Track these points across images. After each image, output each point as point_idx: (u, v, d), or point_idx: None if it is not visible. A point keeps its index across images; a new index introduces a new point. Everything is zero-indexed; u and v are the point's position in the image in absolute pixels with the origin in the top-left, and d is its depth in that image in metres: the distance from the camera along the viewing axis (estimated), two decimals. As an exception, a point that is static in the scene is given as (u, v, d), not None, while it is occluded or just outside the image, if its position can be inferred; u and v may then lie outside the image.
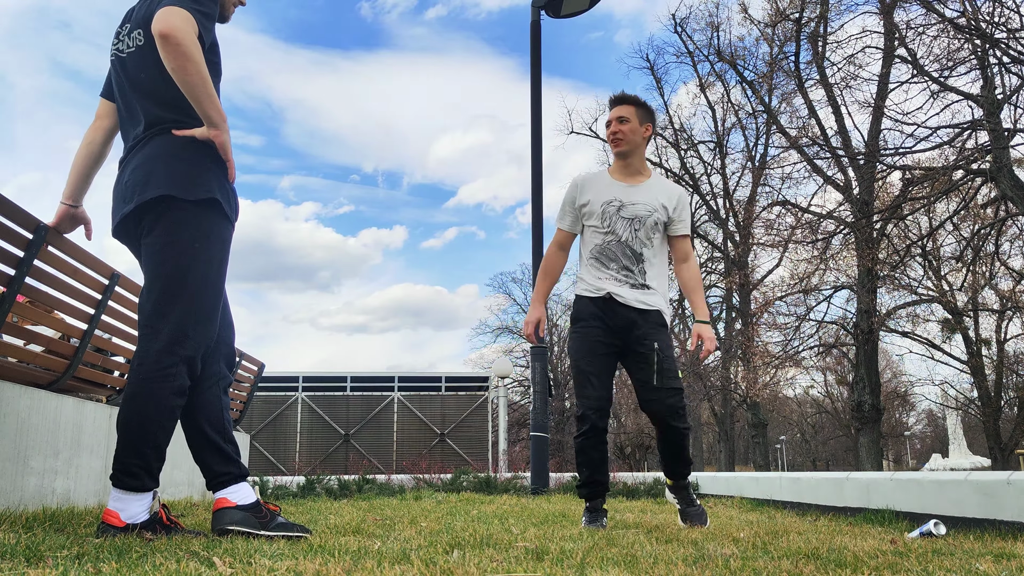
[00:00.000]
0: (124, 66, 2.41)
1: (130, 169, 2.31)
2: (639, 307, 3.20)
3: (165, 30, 2.12)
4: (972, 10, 13.75)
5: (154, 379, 2.20)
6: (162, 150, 2.28)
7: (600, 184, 3.34)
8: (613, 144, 3.34)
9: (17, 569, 1.51)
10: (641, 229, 3.25)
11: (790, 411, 40.54)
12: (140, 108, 2.36)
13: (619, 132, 3.32)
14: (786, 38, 19.58)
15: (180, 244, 2.24)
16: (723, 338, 25.64)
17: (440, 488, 6.78)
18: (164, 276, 2.24)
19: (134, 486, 2.19)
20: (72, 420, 3.52)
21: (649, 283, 3.25)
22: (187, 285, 2.24)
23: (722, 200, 25.34)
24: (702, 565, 1.83)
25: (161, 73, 2.25)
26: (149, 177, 2.24)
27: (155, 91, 2.33)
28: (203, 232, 2.27)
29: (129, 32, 2.43)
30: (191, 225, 2.25)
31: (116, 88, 2.47)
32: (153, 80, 2.32)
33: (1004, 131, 13.92)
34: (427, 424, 15.61)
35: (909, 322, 20.52)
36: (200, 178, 2.27)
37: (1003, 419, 21.93)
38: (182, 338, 2.23)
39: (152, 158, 2.27)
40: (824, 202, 20.25)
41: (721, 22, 26.14)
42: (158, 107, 2.33)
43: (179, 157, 2.27)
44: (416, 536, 2.47)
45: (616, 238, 3.25)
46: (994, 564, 1.98)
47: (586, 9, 7.36)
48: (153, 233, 2.25)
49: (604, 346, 3.20)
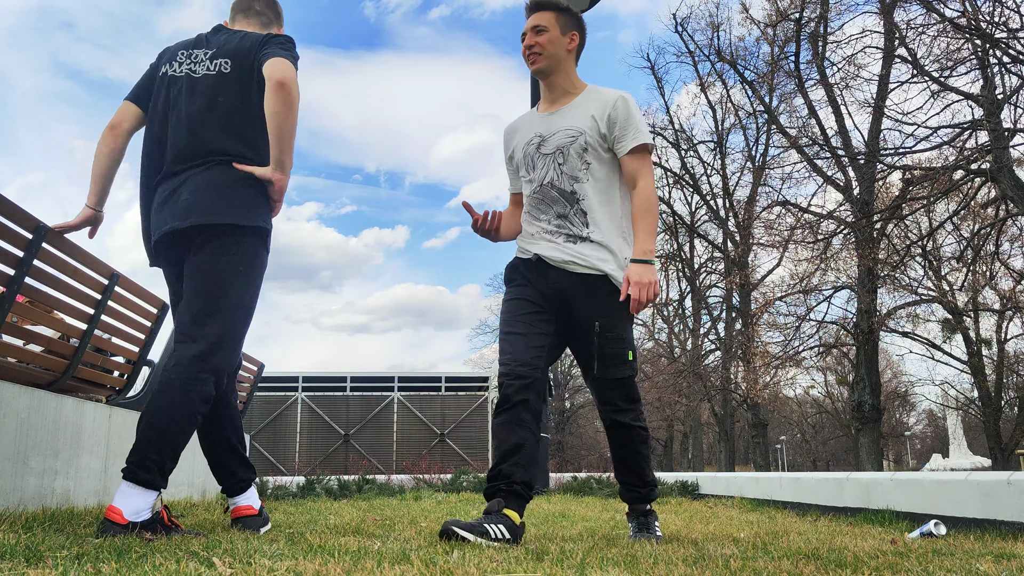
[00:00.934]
0: (195, 87, 2.54)
1: (189, 189, 2.43)
2: (575, 271, 2.56)
3: (285, 80, 2.39)
4: (972, 10, 13.75)
5: (186, 382, 2.31)
6: (225, 178, 2.44)
7: (524, 125, 2.79)
8: (529, 61, 2.69)
9: (17, 569, 1.51)
10: (567, 161, 2.62)
11: (790, 411, 40.53)
12: (205, 131, 2.48)
13: (535, 45, 2.65)
14: (786, 38, 19.58)
15: (228, 265, 2.40)
16: (723, 338, 25.65)
17: (440, 488, 6.78)
18: (207, 292, 2.38)
19: (145, 480, 2.23)
20: (72, 420, 3.52)
21: (592, 230, 2.58)
22: (227, 303, 2.40)
23: (722, 200, 25.35)
24: (702, 565, 1.82)
25: (242, 105, 2.50)
26: (214, 203, 2.40)
27: (230, 121, 2.50)
28: (249, 257, 2.44)
29: (211, 57, 2.57)
30: (241, 249, 2.42)
31: (165, 102, 2.58)
32: (230, 109, 2.50)
33: (1004, 131, 13.92)
34: (427, 424, 15.61)
35: (909, 322, 20.54)
36: (256, 208, 2.46)
37: (1003, 419, 21.93)
38: (215, 351, 2.37)
39: (216, 185, 2.43)
40: (824, 202, 20.28)
41: (721, 22, 26.21)
42: (227, 136, 2.49)
43: (240, 188, 2.44)
44: (416, 536, 2.47)
45: (540, 182, 2.66)
46: (994, 564, 1.97)
47: (586, 9, 7.36)
48: (203, 251, 2.40)
49: (531, 304, 2.59)
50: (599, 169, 2.61)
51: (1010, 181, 13.64)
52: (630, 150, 2.60)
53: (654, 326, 32.44)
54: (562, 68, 2.70)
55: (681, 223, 27.12)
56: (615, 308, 2.54)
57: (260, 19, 2.78)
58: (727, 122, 25.25)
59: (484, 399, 16.00)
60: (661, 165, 26.37)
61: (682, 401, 25.60)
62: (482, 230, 2.75)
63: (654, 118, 26.58)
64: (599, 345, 2.54)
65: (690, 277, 28.35)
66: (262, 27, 2.77)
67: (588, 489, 6.59)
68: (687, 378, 25.02)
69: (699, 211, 27.36)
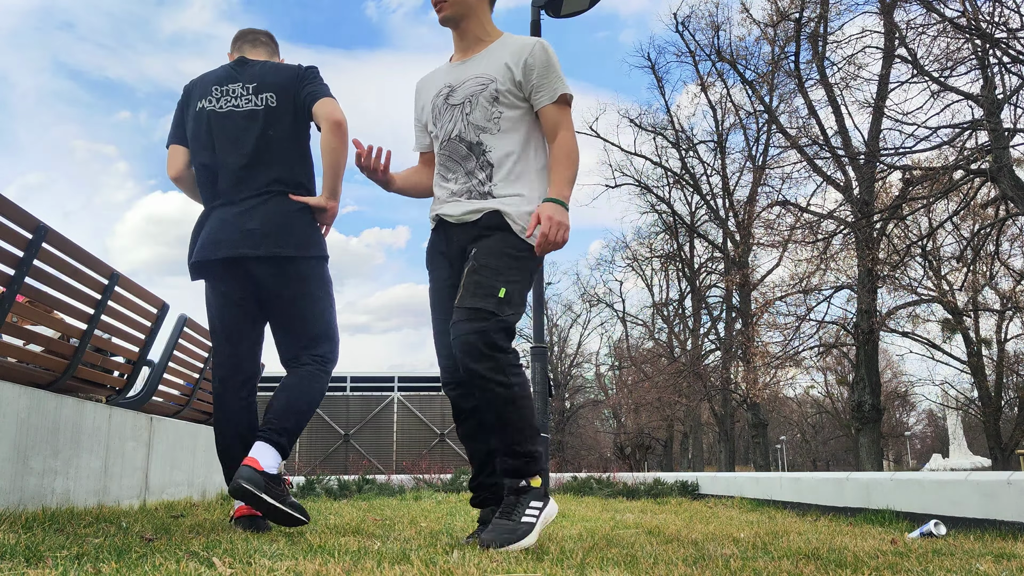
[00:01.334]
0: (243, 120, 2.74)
1: (257, 220, 2.66)
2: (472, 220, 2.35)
3: (341, 121, 2.70)
4: (972, 10, 13.74)
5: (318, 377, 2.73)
6: (286, 209, 2.70)
7: (435, 77, 2.61)
8: (436, 10, 2.52)
9: (17, 569, 1.51)
10: (474, 110, 2.39)
11: (790, 411, 40.53)
12: (259, 162, 2.72)
13: None
14: (786, 38, 19.58)
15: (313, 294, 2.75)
16: (723, 338, 25.64)
17: (440, 488, 6.77)
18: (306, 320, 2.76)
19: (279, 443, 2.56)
20: (72, 420, 3.52)
21: (496, 183, 2.35)
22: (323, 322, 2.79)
23: (722, 200, 25.34)
24: (702, 565, 1.82)
25: (290, 137, 2.75)
26: (285, 236, 2.67)
27: (280, 152, 2.74)
28: (325, 282, 2.81)
29: (254, 91, 2.78)
30: (315, 276, 2.76)
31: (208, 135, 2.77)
32: (281, 141, 2.74)
33: (1004, 131, 13.92)
34: (427, 424, 15.61)
35: (909, 322, 20.53)
36: (318, 238, 2.77)
37: (1003, 419, 21.92)
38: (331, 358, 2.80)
39: (279, 214, 2.69)
40: (824, 202, 20.30)
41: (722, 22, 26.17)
42: (280, 167, 2.74)
43: (302, 219, 2.72)
44: (416, 536, 2.47)
45: (447, 136, 2.45)
46: (994, 564, 1.97)
47: (586, 9, 7.35)
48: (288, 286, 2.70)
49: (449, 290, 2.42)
50: (510, 120, 2.39)
51: (1010, 181, 13.64)
52: (550, 102, 2.40)
53: (654, 326, 32.47)
54: (473, 15, 2.51)
55: (681, 223, 27.12)
56: (498, 241, 2.28)
57: (266, 49, 3.02)
58: (727, 122, 25.25)
59: (484, 399, 16.00)
60: (661, 165, 26.38)
61: (682, 401, 25.59)
62: (367, 169, 2.56)
63: (654, 117, 26.62)
64: (466, 272, 2.26)
65: (690, 277, 28.34)
66: (269, 55, 3.02)
67: (588, 489, 6.59)
68: (687, 378, 25.01)
69: (699, 211, 27.36)
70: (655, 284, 31.98)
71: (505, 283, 2.23)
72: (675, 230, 27.49)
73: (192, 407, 5.16)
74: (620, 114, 33.75)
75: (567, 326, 35.56)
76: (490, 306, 2.19)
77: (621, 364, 33.62)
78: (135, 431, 4.28)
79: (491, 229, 2.30)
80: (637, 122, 26.06)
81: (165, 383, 4.63)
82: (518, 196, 2.34)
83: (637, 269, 31.21)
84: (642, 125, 26.08)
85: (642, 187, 27.02)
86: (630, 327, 33.93)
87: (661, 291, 31.99)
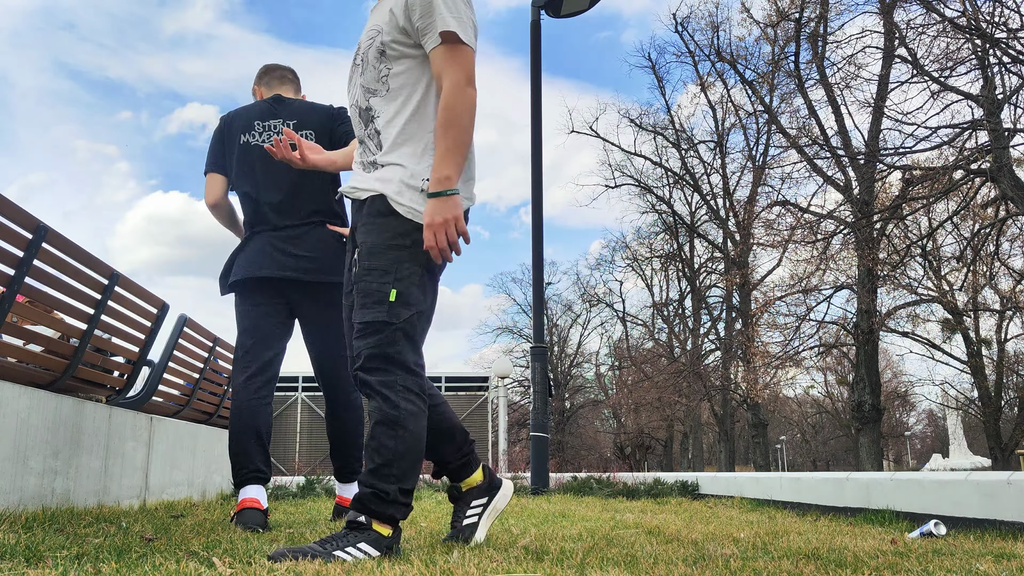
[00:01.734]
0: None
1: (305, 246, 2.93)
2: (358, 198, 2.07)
3: None
4: (972, 10, 13.75)
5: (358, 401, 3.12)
6: (328, 238, 2.97)
7: None
8: None
9: (17, 569, 1.51)
10: (365, 71, 2.07)
11: (790, 411, 40.54)
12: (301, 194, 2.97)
13: None
14: (786, 38, 19.58)
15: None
16: (723, 338, 25.64)
17: (440, 488, 6.77)
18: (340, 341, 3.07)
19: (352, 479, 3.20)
20: (72, 420, 3.52)
21: (382, 153, 2.03)
22: None
23: (722, 200, 25.36)
24: (702, 565, 1.82)
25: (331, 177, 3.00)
26: (326, 262, 2.94)
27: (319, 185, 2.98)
28: None
29: (296, 128, 3.02)
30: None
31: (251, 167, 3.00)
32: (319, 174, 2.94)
33: (1004, 131, 13.92)
34: (427, 424, 15.59)
35: (909, 322, 20.53)
36: None
37: (1003, 419, 21.92)
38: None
39: (324, 244, 2.96)
40: (824, 202, 20.26)
41: (721, 22, 26.23)
42: (319, 199, 3.00)
43: (340, 249, 2.97)
44: (416, 536, 2.47)
45: (351, 106, 2.18)
46: (994, 564, 1.97)
47: (586, 9, 7.36)
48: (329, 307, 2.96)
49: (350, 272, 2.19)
50: (399, 77, 2.02)
51: (1010, 181, 13.64)
52: (435, 45, 1.97)
53: (654, 326, 32.47)
54: None
55: (681, 223, 27.13)
56: (381, 232, 1.95)
57: (293, 86, 3.25)
58: (727, 122, 25.28)
59: (484, 399, 16.00)
60: (661, 165, 26.41)
61: (682, 401, 25.60)
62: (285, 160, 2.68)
63: (655, 117, 26.62)
64: (354, 277, 2.00)
65: (690, 277, 28.36)
66: (295, 92, 3.25)
67: (588, 489, 6.59)
68: (687, 378, 25.02)
69: (699, 211, 27.38)
70: (655, 284, 32.02)
71: (395, 282, 1.92)
72: (675, 230, 27.51)
73: (192, 407, 5.16)
74: (620, 114, 33.79)
75: (567, 326, 35.60)
76: (382, 315, 1.91)
77: (621, 364, 33.64)
78: (135, 431, 4.28)
79: (373, 216, 1.98)
80: (637, 122, 26.11)
81: (165, 383, 4.63)
82: (398, 167, 1.98)
83: (637, 269, 31.24)
84: (642, 125, 26.13)
85: (642, 187, 27.06)
86: (630, 327, 33.97)
87: (661, 291, 32.04)
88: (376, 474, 1.86)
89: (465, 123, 1.94)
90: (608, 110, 50.85)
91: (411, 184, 1.97)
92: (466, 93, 1.95)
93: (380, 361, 1.90)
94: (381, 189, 1.98)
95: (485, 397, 16.01)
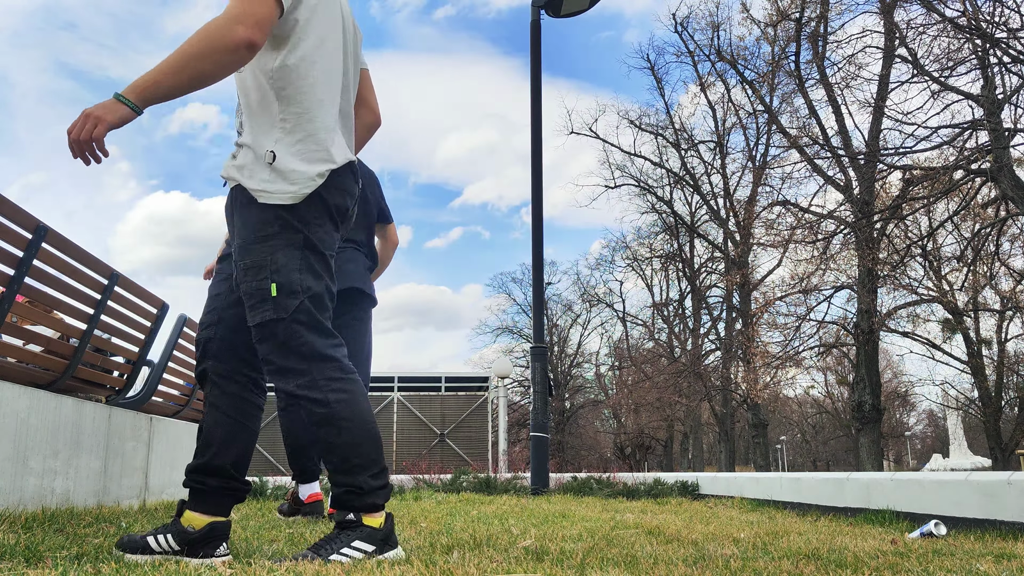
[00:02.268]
0: None
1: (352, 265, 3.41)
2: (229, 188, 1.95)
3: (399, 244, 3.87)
4: (972, 10, 13.75)
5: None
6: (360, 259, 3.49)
7: None
8: None
9: (17, 569, 1.51)
10: None
11: (790, 411, 40.53)
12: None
13: None
14: (787, 38, 19.58)
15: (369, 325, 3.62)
16: (723, 338, 25.64)
17: (440, 488, 6.77)
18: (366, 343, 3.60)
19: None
20: (71, 420, 3.52)
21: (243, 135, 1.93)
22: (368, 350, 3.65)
23: (722, 200, 25.35)
24: (702, 565, 1.82)
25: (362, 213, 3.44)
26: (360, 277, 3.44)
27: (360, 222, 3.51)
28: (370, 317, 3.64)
29: None
30: (369, 313, 3.61)
31: None
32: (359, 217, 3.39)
33: (1004, 131, 13.92)
34: (427, 424, 15.60)
35: (909, 322, 20.52)
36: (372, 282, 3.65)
37: (1004, 419, 21.92)
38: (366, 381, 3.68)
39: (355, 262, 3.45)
40: (824, 202, 20.27)
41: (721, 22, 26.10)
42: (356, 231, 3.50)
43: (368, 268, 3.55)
44: (416, 536, 2.47)
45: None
46: (994, 564, 1.97)
47: (586, 9, 7.36)
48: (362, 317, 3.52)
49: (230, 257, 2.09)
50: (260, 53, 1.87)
51: (1010, 181, 13.64)
52: None
53: (654, 326, 32.48)
54: None
55: (681, 223, 27.13)
56: (254, 227, 1.83)
57: None
58: (727, 122, 25.26)
59: (484, 399, 16.00)
60: (662, 165, 26.40)
61: (682, 401, 25.61)
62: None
63: (655, 118, 26.61)
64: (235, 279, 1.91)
65: (690, 277, 28.35)
66: None
67: (588, 489, 6.59)
68: (687, 378, 25.02)
69: (699, 211, 27.38)
70: (655, 284, 32.03)
71: (272, 275, 1.81)
72: (675, 230, 27.51)
73: (192, 407, 5.16)
74: (620, 115, 33.74)
75: (567, 326, 35.59)
76: (269, 314, 1.80)
77: (621, 364, 33.64)
78: (135, 431, 4.28)
79: (238, 208, 1.88)
80: (637, 123, 26.09)
81: (165, 383, 4.63)
82: (248, 148, 1.88)
83: (637, 269, 31.25)
84: (642, 126, 26.11)
85: (642, 187, 27.05)
86: (630, 327, 33.97)
87: (661, 291, 32.04)
88: (340, 472, 1.82)
89: (204, 49, 1.70)
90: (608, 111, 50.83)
91: (258, 161, 1.85)
92: (230, 27, 1.72)
93: (292, 361, 1.81)
94: (236, 177, 1.88)
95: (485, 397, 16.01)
